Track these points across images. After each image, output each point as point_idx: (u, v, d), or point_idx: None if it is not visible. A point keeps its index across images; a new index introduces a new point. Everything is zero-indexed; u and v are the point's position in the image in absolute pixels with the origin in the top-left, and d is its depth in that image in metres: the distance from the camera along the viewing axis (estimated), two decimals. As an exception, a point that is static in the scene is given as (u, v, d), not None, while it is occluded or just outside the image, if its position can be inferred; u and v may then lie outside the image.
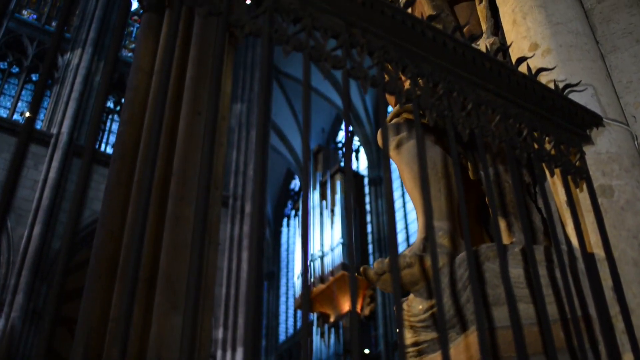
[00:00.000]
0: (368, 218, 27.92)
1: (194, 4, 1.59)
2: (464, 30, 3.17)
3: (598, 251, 2.09)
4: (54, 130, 19.85)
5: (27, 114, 19.74)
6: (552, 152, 2.13)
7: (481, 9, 3.19)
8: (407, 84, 1.92)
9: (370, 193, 28.51)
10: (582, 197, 2.21)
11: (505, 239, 2.57)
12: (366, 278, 2.36)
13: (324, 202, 26.81)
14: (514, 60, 2.71)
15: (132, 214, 8.53)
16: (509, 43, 2.85)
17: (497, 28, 3.15)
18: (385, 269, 2.34)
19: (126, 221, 8.55)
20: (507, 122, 2.05)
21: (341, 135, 32.49)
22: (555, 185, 2.32)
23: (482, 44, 3.10)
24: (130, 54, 23.61)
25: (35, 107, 1.42)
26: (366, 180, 28.91)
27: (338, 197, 25.91)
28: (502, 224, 2.60)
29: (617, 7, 2.77)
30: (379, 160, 28.52)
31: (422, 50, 1.95)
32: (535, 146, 2.07)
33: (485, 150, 2.10)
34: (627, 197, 2.17)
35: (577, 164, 2.19)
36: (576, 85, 2.37)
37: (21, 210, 18.04)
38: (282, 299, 32.59)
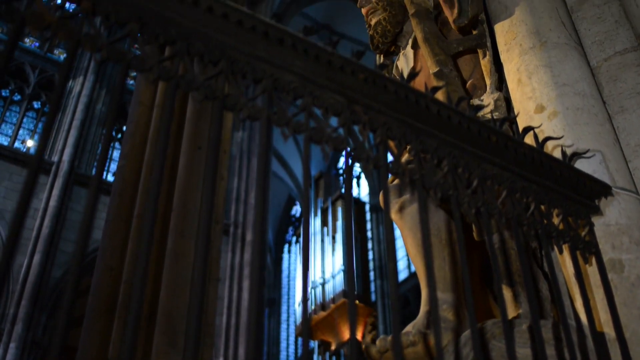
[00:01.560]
0: (369, 245, 27.79)
1: (188, 89, 1.54)
2: (467, 84, 3.13)
3: (608, 330, 2.02)
4: (55, 158, 19.81)
5: (29, 142, 19.67)
6: (560, 226, 2.06)
7: (485, 63, 3.14)
8: (406, 152, 1.87)
9: (371, 220, 28.40)
10: (592, 272, 2.14)
11: (511, 310, 2.50)
12: (368, 356, 2.30)
13: (325, 228, 26.69)
14: (520, 124, 2.66)
15: (132, 250, 8.47)
16: (513, 102, 2.80)
17: (501, 82, 3.10)
18: (388, 347, 2.28)
19: (126, 257, 8.49)
20: (514, 196, 1.99)
21: (342, 161, 32.45)
22: (564, 256, 2.25)
23: (487, 99, 3.04)
24: (132, 82, 23.64)
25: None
26: (367, 207, 28.79)
27: (339, 223, 25.79)
28: (508, 294, 2.53)
29: (625, 65, 2.72)
30: (380, 187, 28.44)
31: (426, 125, 1.89)
32: (544, 221, 2.01)
33: (490, 218, 2.04)
34: (637, 272, 2.11)
35: (586, 237, 2.12)
36: (584, 153, 2.31)
37: (21, 238, 17.95)
38: (284, 325, 32.37)
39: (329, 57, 1.77)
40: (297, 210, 34.72)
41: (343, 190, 27.70)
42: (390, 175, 2.72)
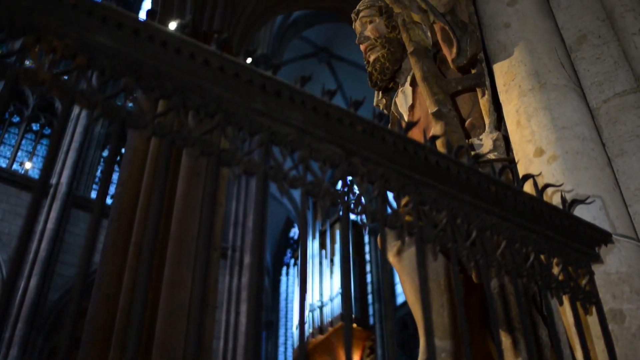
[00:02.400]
0: (368, 268, 27.73)
1: (184, 145, 1.52)
2: (466, 123, 3.11)
3: (610, 384, 1.99)
4: (53, 181, 19.77)
5: (28, 164, 19.63)
6: (560, 276, 2.04)
7: (484, 102, 3.13)
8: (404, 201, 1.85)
9: (370, 242, 28.35)
10: (592, 322, 2.11)
11: (511, 357, 2.46)
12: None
13: (324, 251, 26.65)
14: (519, 167, 2.64)
15: (128, 277, 8.44)
16: (512, 144, 2.79)
17: (499, 121, 3.08)
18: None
19: (123, 284, 8.45)
20: (513, 247, 1.97)
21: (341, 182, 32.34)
22: (564, 305, 2.22)
23: (485, 139, 3.03)
24: (130, 104, 23.63)
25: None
26: (366, 230, 28.73)
27: (338, 246, 25.74)
28: (508, 341, 2.49)
29: (624, 107, 2.71)
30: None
31: (425, 176, 1.87)
32: (544, 273, 1.98)
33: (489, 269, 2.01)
34: (638, 322, 2.08)
35: (587, 287, 2.09)
36: (584, 200, 2.29)
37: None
38: (281, 348, 32.17)
39: (326, 109, 1.75)
40: (295, 232, 34.63)
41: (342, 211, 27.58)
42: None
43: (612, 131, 2.67)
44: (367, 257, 27.93)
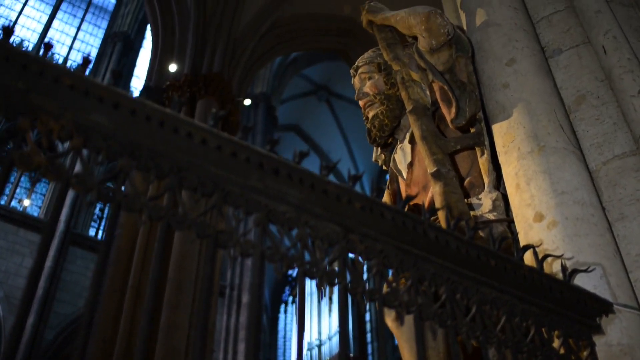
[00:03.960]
0: (367, 306, 27.55)
1: (180, 228, 1.50)
2: (465, 182, 3.10)
3: None
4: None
5: (26, 202, 19.56)
6: (561, 350, 2.01)
7: (483, 162, 3.12)
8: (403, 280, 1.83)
9: (369, 280, 28.15)
10: (594, 396, 2.08)
11: None
12: None
13: (322, 289, 26.51)
14: (519, 230, 2.62)
15: (125, 322, 8.37)
16: (512, 207, 2.77)
17: (499, 180, 3.07)
18: None
19: (119, 328, 8.38)
20: (513, 321, 1.94)
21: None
22: (565, 377, 2.19)
23: (485, 199, 3.01)
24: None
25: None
26: (366, 266, 28.57)
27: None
28: (508, 412, 2.45)
29: (624, 170, 2.69)
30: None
31: (424, 251, 1.85)
32: (544, 347, 1.95)
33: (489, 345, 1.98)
34: (641, 397, 2.04)
35: (588, 360, 2.06)
36: (585, 269, 2.26)
37: (15, 299, 17.78)
38: (279, 387, 31.90)
39: (325, 186, 1.74)
40: (293, 269, 34.40)
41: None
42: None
43: (612, 194, 2.66)
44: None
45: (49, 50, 1.63)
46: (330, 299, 25.87)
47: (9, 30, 1.48)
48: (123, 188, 1.48)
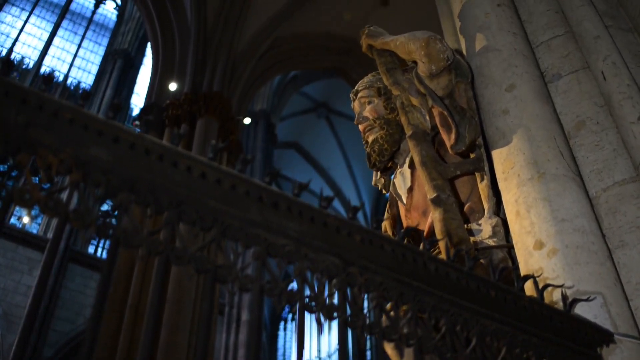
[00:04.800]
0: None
1: (178, 263, 1.49)
2: (465, 208, 3.10)
3: None
4: (51, 235, 19.68)
5: (25, 219, 19.53)
6: (563, 381, 2.00)
7: (482, 187, 3.12)
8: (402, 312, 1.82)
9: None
10: None
11: None
12: None
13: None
14: (519, 258, 2.62)
15: (124, 342, 8.33)
16: (512, 234, 2.77)
17: (498, 206, 3.07)
18: None
19: (117, 348, 8.34)
20: (514, 352, 1.93)
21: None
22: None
23: (484, 225, 3.01)
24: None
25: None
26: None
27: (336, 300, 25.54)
28: None
29: (624, 197, 2.69)
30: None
31: (423, 283, 1.84)
32: (544, 379, 1.94)
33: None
34: None
35: (589, 392, 2.05)
36: (585, 298, 2.25)
37: (13, 317, 17.74)
38: (279, 406, 31.75)
39: (324, 219, 1.73)
40: (293, 285, 34.28)
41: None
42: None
43: (612, 221, 2.65)
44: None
45: (50, 83, 1.63)
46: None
47: (9, 62, 1.47)
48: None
